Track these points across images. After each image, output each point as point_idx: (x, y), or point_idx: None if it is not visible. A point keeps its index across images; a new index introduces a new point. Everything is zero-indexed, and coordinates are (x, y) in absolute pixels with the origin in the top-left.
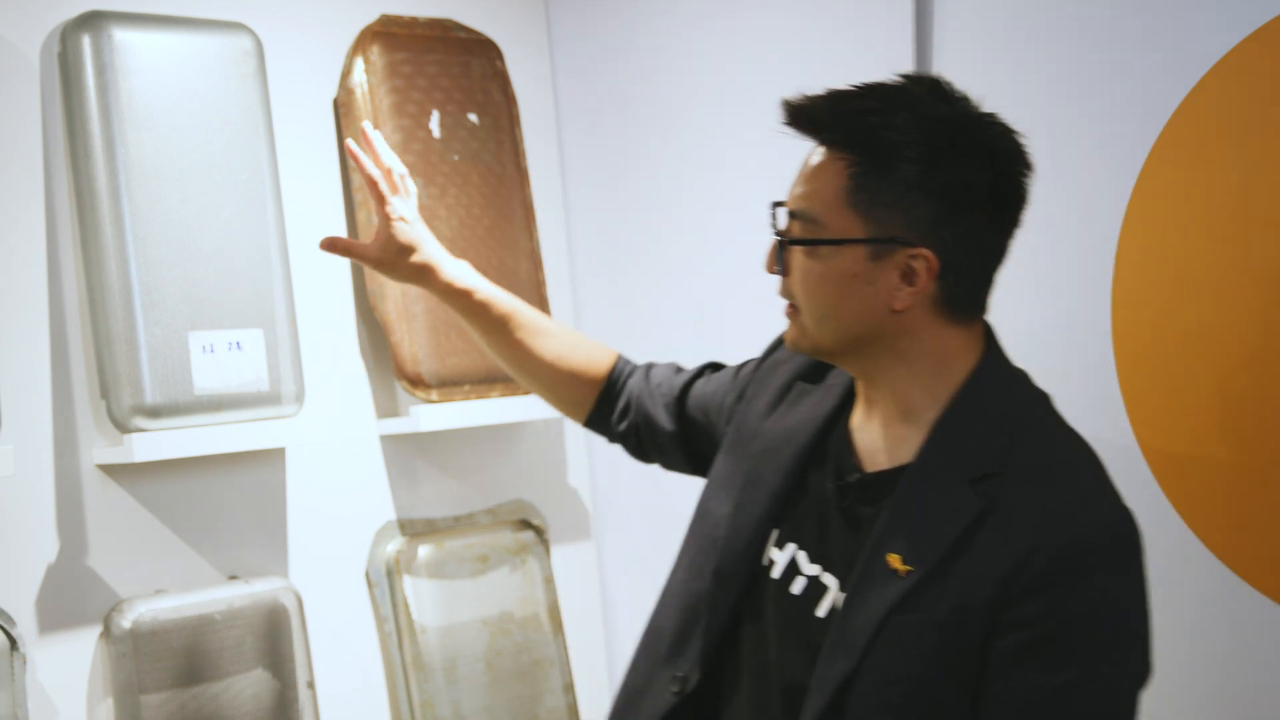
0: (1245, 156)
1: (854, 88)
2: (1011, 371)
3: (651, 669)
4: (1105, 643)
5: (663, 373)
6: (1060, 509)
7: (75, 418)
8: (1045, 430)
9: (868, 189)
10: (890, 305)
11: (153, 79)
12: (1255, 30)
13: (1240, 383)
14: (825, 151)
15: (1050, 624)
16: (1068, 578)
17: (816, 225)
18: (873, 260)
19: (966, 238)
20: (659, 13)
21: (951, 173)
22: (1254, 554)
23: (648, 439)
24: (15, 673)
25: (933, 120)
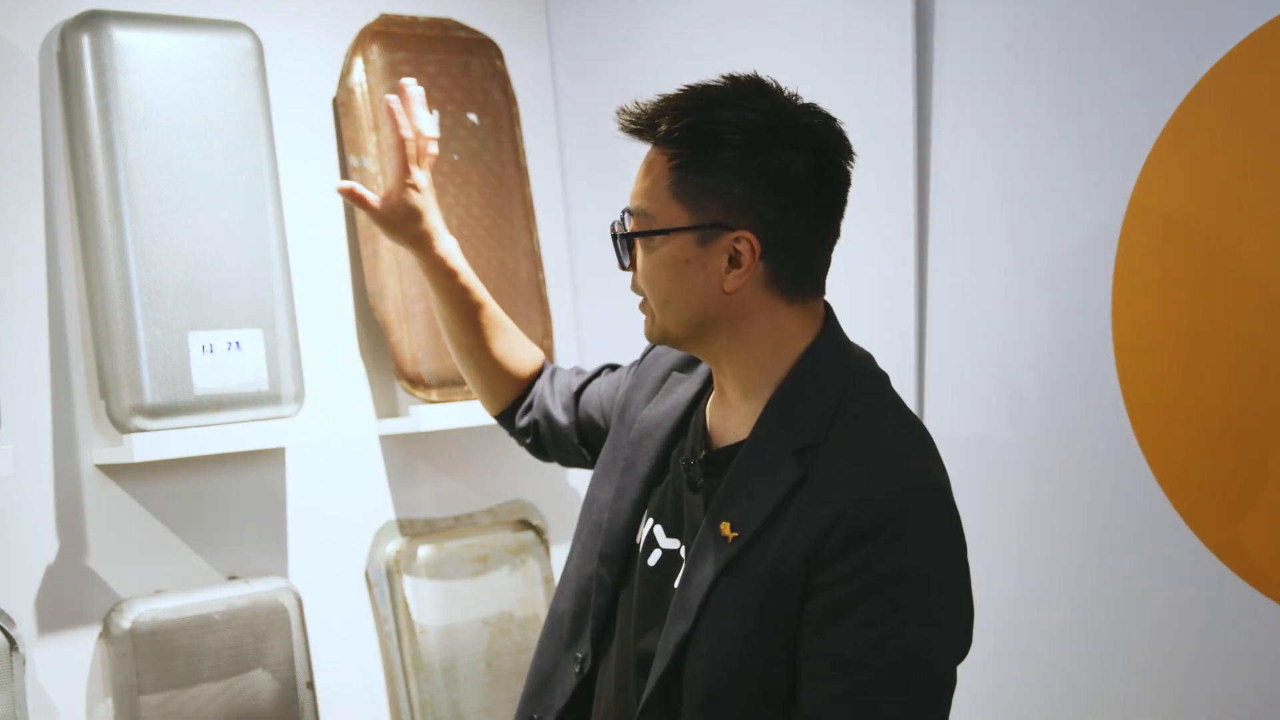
0: (1245, 156)
1: (680, 89)
2: (847, 348)
3: (556, 652)
4: (911, 604)
5: (565, 375)
6: (866, 477)
7: (75, 418)
8: (869, 403)
9: (689, 179)
10: (722, 288)
11: (152, 79)
12: (1256, 30)
13: (1240, 383)
14: (653, 148)
15: (856, 585)
16: (871, 542)
17: (648, 218)
18: (700, 245)
19: (787, 219)
20: (659, 13)
21: (768, 157)
22: (1254, 554)
23: (546, 436)
24: (15, 673)
25: (752, 111)
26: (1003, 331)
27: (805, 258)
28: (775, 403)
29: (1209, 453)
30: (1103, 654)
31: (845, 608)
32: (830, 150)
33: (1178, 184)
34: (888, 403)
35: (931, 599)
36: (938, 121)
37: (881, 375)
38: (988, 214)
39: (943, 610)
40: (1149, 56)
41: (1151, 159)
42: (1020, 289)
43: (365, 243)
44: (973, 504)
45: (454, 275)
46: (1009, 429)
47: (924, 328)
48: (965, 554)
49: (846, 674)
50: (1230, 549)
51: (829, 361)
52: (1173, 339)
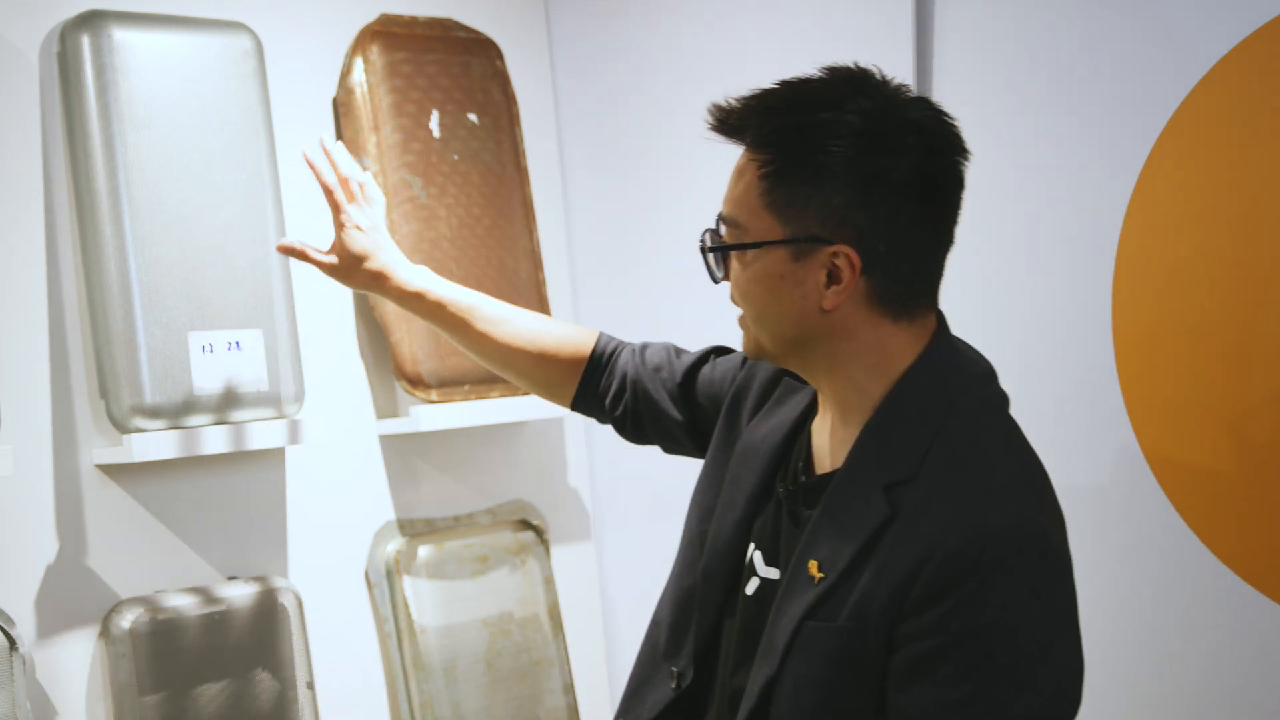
0: (1245, 156)
1: (774, 86)
2: (955, 366)
3: (653, 660)
4: (999, 663)
5: (660, 355)
6: (953, 518)
7: (75, 418)
8: (970, 431)
9: (782, 189)
10: (820, 305)
11: (152, 79)
12: (1255, 30)
13: (1241, 383)
14: (744, 152)
15: (939, 640)
16: (956, 593)
17: (740, 229)
18: (795, 261)
19: (891, 229)
20: (659, 13)
21: (869, 163)
22: (1254, 554)
23: (650, 423)
24: (15, 673)
25: (852, 113)
26: (1002, 331)
27: (912, 270)
28: (870, 430)
29: (1209, 453)
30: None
31: (928, 664)
32: (940, 150)
33: (1178, 184)
34: (993, 430)
35: (1023, 657)
36: None
37: (992, 398)
38: (988, 214)
39: (1035, 669)
40: (1149, 56)
41: (1151, 159)
42: (1020, 289)
43: None
44: None
45: (421, 296)
46: None
47: None
48: (1069, 607)
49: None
50: (1230, 549)
51: (931, 382)
52: (1173, 339)
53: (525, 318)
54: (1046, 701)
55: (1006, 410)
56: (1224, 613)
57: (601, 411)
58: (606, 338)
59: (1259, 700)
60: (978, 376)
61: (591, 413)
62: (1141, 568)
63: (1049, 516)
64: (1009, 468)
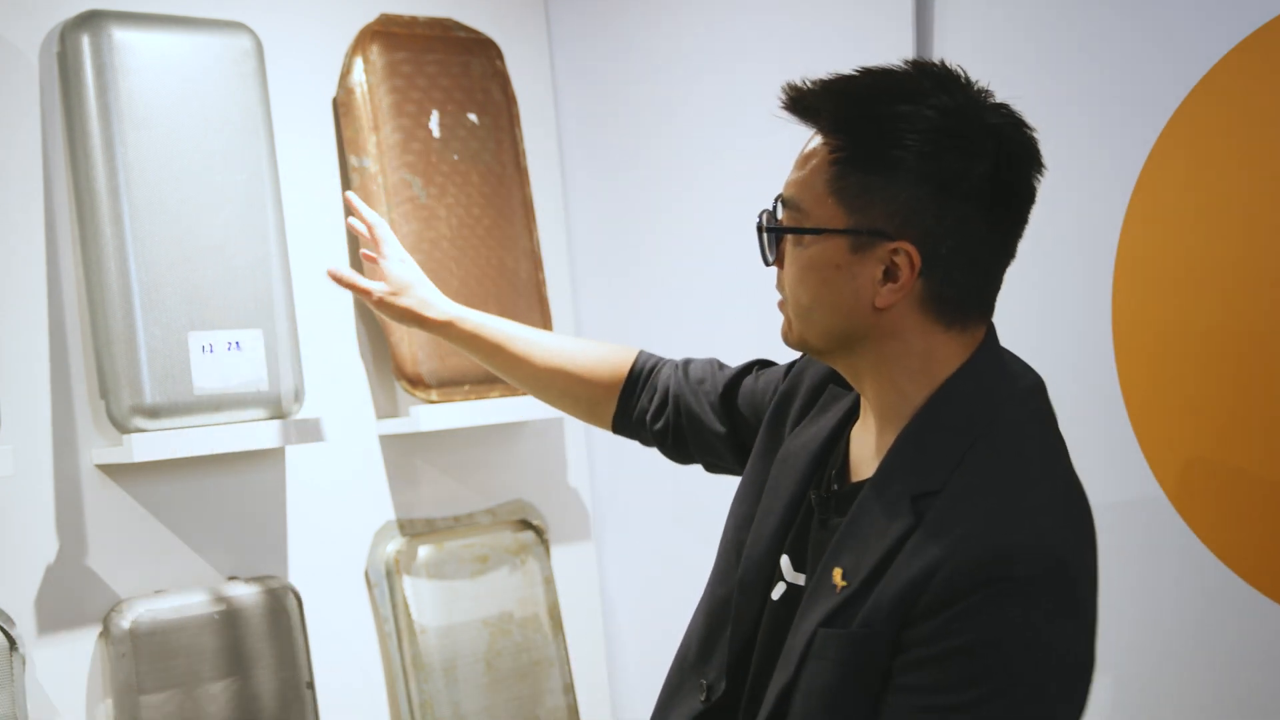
0: (1246, 156)
1: (856, 73)
2: (1000, 377)
3: (682, 672)
4: (1000, 679)
5: (703, 368)
6: (978, 529)
7: (75, 418)
8: (1007, 444)
9: (852, 177)
10: (873, 302)
11: (152, 79)
12: (1255, 30)
13: (1241, 383)
14: (818, 138)
15: (936, 649)
16: (966, 601)
17: (800, 213)
18: (854, 253)
19: (957, 233)
20: (659, 12)
21: (942, 163)
22: (1254, 554)
23: (693, 438)
24: (15, 673)
25: (931, 109)
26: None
27: (971, 278)
28: (906, 437)
29: (1209, 452)
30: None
31: (929, 666)
32: (1015, 160)
33: (1178, 184)
34: (1032, 446)
35: (1020, 682)
36: None
37: (1038, 412)
38: None
39: (1039, 692)
40: (1149, 56)
41: (1152, 159)
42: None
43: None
44: None
45: (450, 325)
46: None
47: None
48: (1082, 642)
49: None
50: (1230, 549)
51: (973, 392)
52: (1173, 339)
53: (561, 340)
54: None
55: (1052, 426)
56: (1224, 613)
57: (644, 430)
58: (646, 355)
59: (1259, 700)
60: (1024, 389)
61: (634, 433)
62: (1141, 568)
63: (1078, 544)
64: (1044, 487)
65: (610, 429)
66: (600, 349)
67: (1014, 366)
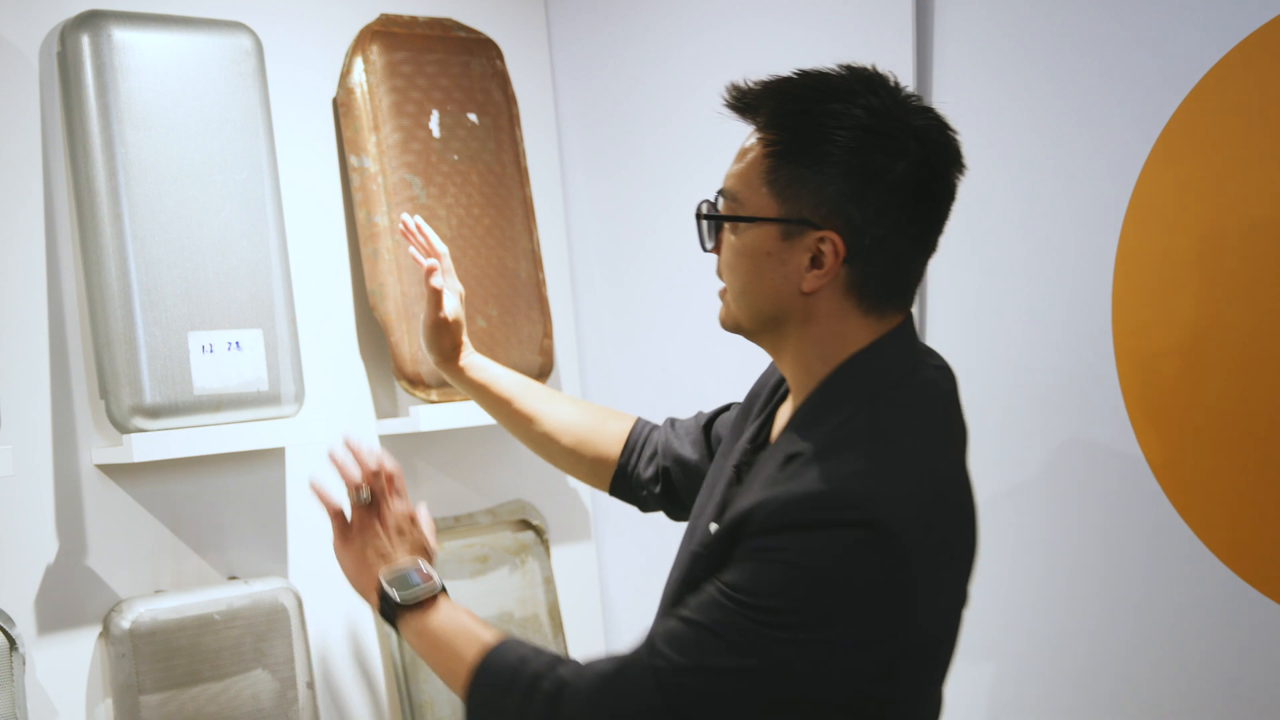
0: (1245, 156)
1: (792, 74)
2: (898, 359)
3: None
4: (789, 599)
5: (688, 420)
6: (806, 478)
7: (75, 418)
8: (877, 420)
9: (784, 170)
10: (800, 287)
11: (152, 79)
12: (1255, 30)
13: (1240, 383)
14: (754, 133)
15: (753, 555)
16: (779, 533)
17: (736, 203)
18: (784, 240)
19: (879, 226)
20: (659, 13)
21: (867, 160)
22: (1254, 554)
23: (680, 481)
24: (15, 673)
25: (861, 107)
26: (1003, 330)
27: (891, 268)
28: (801, 408)
29: (1209, 453)
30: (1100, 653)
31: (732, 569)
32: (937, 160)
33: (1178, 183)
34: (899, 425)
35: (806, 609)
36: None
37: (926, 400)
38: (987, 213)
39: (816, 626)
40: (1150, 55)
41: (1152, 158)
42: (1020, 288)
43: (365, 243)
44: None
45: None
46: (1008, 428)
47: (923, 327)
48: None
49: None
50: (1230, 548)
51: (866, 372)
52: (1173, 339)
53: (565, 406)
54: (773, 659)
55: (941, 417)
56: (1224, 613)
57: (639, 488)
58: (642, 423)
59: (1259, 700)
60: (922, 378)
61: (630, 496)
62: (1139, 566)
63: (909, 516)
64: (885, 458)
65: (607, 492)
66: (598, 417)
67: (921, 356)
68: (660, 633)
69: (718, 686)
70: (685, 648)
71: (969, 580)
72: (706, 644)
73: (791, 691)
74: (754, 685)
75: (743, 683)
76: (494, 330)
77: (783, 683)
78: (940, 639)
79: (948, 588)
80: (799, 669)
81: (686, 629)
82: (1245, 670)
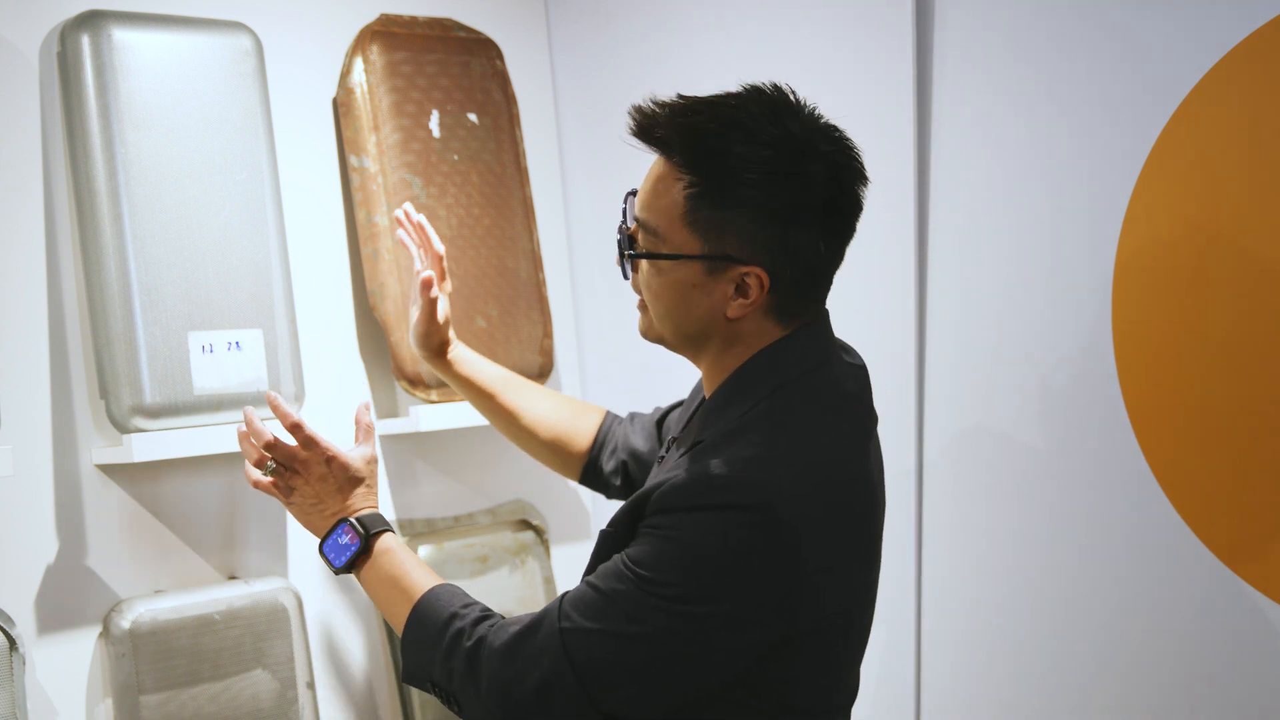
0: (1246, 156)
1: (696, 103)
2: (796, 353)
3: None
4: (680, 573)
5: (645, 414)
6: (704, 463)
7: (74, 418)
8: (774, 411)
9: (704, 210)
10: (725, 313)
11: (152, 79)
12: (1255, 30)
13: (1241, 383)
14: (666, 164)
15: (652, 531)
16: (677, 512)
17: (657, 238)
18: (708, 274)
19: (798, 254)
20: (659, 13)
21: (783, 197)
22: (1254, 554)
23: (636, 474)
24: (15, 673)
25: (766, 145)
26: (1002, 330)
27: (809, 288)
28: (711, 400)
29: (1209, 452)
30: (1100, 652)
31: (635, 543)
32: (845, 180)
33: (1178, 184)
34: (795, 415)
35: (695, 583)
36: (937, 121)
37: (827, 391)
38: (988, 213)
39: (702, 600)
40: (1150, 56)
41: (1152, 159)
42: (1020, 288)
43: (365, 243)
44: (971, 502)
45: (450, 365)
46: (1008, 428)
47: (924, 326)
48: (779, 584)
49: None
50: (1230, 548)
51: (771, 363)
52: (1173, 339)
53: (544, 401)
54: (662, 629)
55: (843, 406)
56: (1223, 612)
57: (601, 478)
58: (611, 417)
59: (1258, 700)
60: (811, 363)
61: (596, 486)
62: (1139, 566)
63: (802, 500)
64: (779, 446)
65: (578, 482)
66: (572, 411)
67: (834, 351)
68: (570, 597)
69: (615, 650)
70: (589, 611)
71: (871, 568)
72: (606, 610)
73: (681, 661)
74: (645, 653)
75: (637, 648)
76: (494, 330)
77: (672, 652)
78: (839, 623)
79: (843, 572)
80: (683, 642)
81: (592, 594)
82: (1245, 670)
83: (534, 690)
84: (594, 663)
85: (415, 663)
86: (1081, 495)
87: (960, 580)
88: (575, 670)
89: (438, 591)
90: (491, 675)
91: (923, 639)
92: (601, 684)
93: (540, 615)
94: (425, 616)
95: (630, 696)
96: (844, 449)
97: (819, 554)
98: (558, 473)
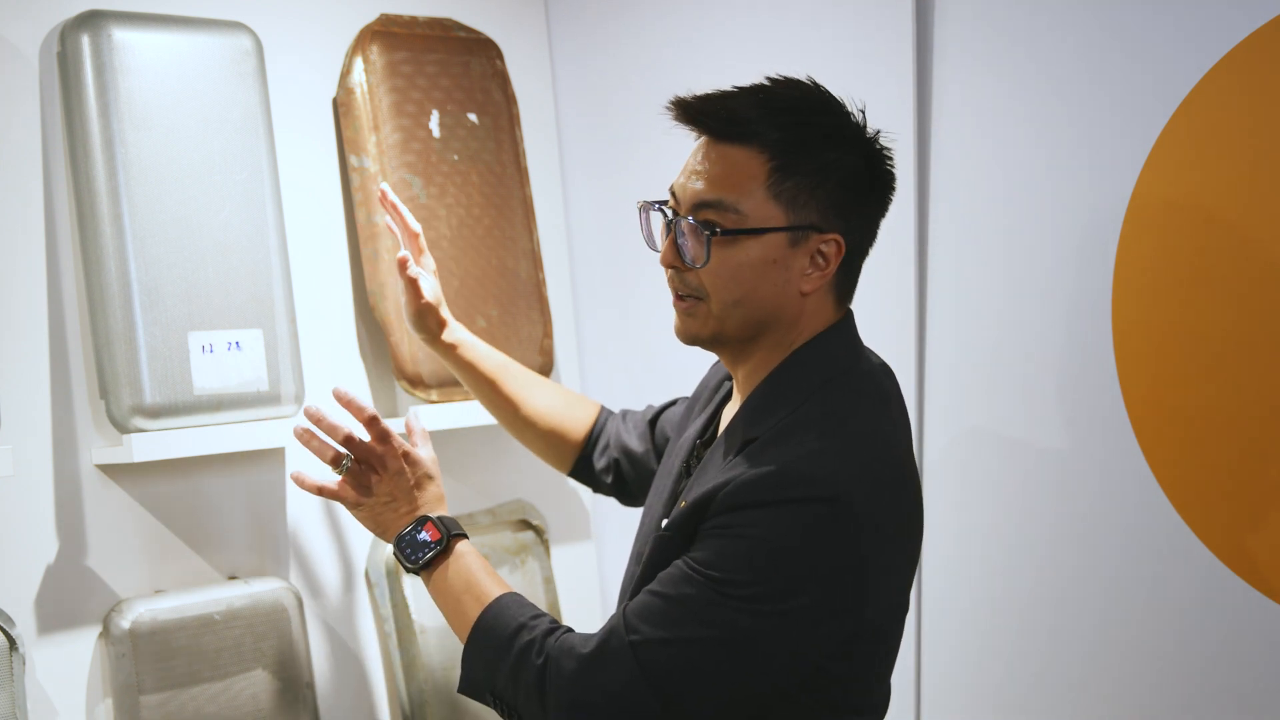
0: (1245, 156)
1: (771, 85)
2: (845, 351)
3: None
4: (755, 571)
5: (638, 412)
6: (770, 459)
7: (74, 418)
8: (829, 405)
9: (788, 179)
10: (800, 289)
11: (152, 79)
12: (1255, 30)
13: (1241, 383)
14: (732, 143)
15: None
16: (745, 510)
17: (738, 215)
18: (790, 246)
19: (865, 223)
20: (659, 13)
21: (856, 163)
22: (1254, 554)
23: (627, 471)
24: (15, 673)
25: (840, 114)
26: (1002, 330)
27: (860, 261)
28: (752, 398)
29: (1209, 452)
30: (1099, 652)
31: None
32: (881, 156)
33: (1179, 183)
34: (849, 409)
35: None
36: (938, 120)
37: (873, 388)
38: (988, 212)
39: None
40: (1151, 55)
41: (1152, 158)
42: (1020, 288)
43: (365, 243)
44: (972, 503)
45: (453, 348)
46: (1008, 428)
47: (924, 326)
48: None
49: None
50: (1229, 548)
51: (816, 360)
52: (1173, 338)
53: (543, 391)
54: (740, 630)
55: (886, 404)
56: (1223, 612)
57: (592, 474)
58: (605, 412)
59: (1258, 700)
60: (869, 367)
61: (586, 481)
62: (1139, 566)
63: (866, 493)
64: (839, 439)
65: (568, 475)
66: (568, 403)
67: (864, 348)
68: (633, 609)
69: (689, 657)
70: (658, 621)
71: (915, 565)
72: (677, 616)
73: (757, 663)
74: (722, 656)
75: (712, 653)
76: (494, 330)
77: (748, 654)
78: (888, 621)
79: (898, 566)
80: (762, 641)
81: (659, 603)
82: (1245, 670)
83: (604, 706)
84: (670, 673)
85: (478, 673)
86: (1081, 495)
87: (960, 580)
88: (649, 682)
89: (505, 600)
90: (559, 694)
91: (923, 639)
92: (677, 692)
93: (605, 632)
94: (493, 625)
95: (704, 701)
96: (896, 445)
97: (883, 547)
98: (547, 463)
